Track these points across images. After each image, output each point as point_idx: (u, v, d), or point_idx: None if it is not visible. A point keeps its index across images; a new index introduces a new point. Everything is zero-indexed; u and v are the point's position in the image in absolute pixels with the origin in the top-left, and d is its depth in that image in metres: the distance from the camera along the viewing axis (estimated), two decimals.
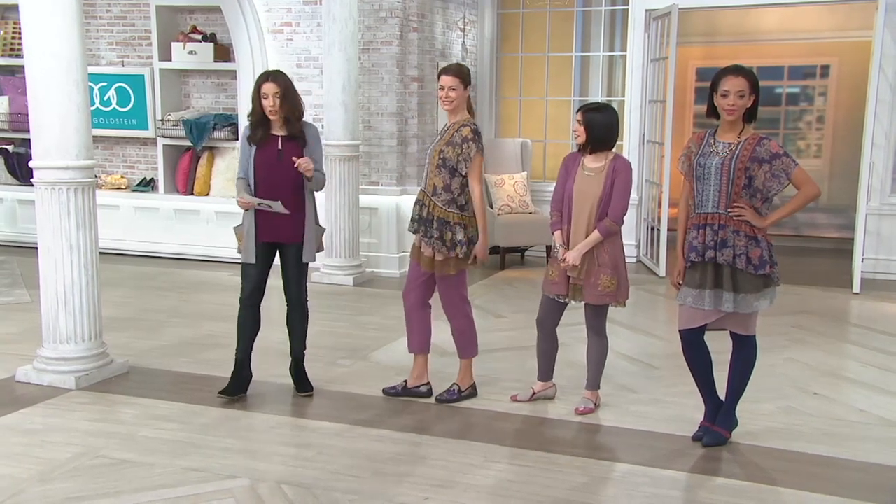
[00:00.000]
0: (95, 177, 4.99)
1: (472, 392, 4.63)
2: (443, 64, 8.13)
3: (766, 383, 4.79)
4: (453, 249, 4.37)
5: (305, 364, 4.73)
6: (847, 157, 10.77)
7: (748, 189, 3.75)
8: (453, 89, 4.36)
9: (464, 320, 4.58)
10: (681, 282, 3.96)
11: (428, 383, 4.65)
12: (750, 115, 3.79)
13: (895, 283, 7.54)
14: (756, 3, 8.88)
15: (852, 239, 7.64)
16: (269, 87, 4.32)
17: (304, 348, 4.74)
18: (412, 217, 4.53)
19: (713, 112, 3.83)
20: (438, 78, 4.46)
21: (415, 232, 4.49)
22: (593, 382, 4.50)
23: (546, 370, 4.62)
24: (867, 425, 4.31)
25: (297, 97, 4.44)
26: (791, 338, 5.85)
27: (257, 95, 4.37)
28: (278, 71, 4.51)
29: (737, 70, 3.76)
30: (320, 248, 4.63)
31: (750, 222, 3.73)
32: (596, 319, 4.43)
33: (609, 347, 4.53)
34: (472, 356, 4.63)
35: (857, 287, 7.24)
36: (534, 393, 4.61)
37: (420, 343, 4.63)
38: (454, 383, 4.62)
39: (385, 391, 4.67)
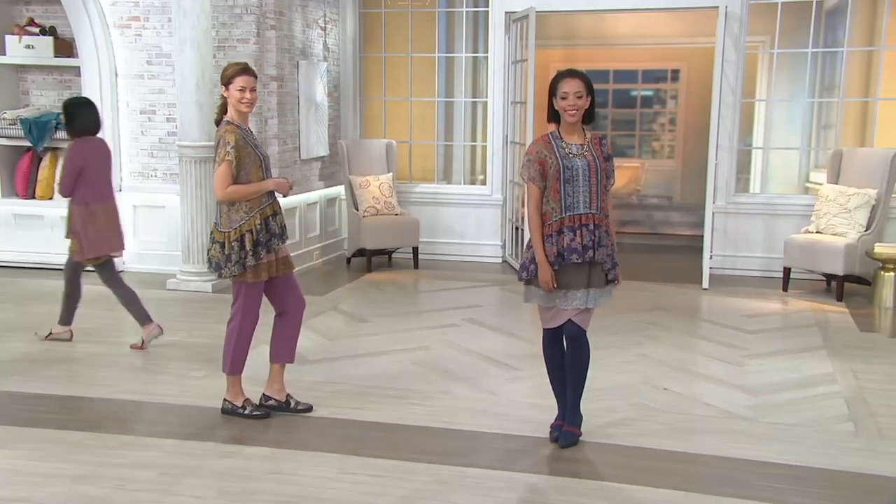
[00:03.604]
0: None
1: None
2: (304, 63, 7.96)
3: (618, 380, 4.92)
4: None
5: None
6: (697, 157, 11.29)
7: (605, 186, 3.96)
8: (253, 90, 4.20)
9: None
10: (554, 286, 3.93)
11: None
12: (588, 117, 3.92)
13: (741, 279, 7.94)
14: (607, 8, 9.14)
15: (703, 236, 7.99)
16: None
17: None
18: (277, 232, 4.31)
19: (554, 117, 3.94)
20: (233, 79, 4.14)
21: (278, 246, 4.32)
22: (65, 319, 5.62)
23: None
24: (711, 418, 4.48)
25: None
26: (644, 334, 6.04)
27: None
28: None
29: (572, 73, 3.89)
30: None
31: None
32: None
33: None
34: None
35: (706, 283, 7.58)
36: (51, 333, 5.61)
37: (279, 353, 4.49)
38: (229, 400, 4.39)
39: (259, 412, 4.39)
